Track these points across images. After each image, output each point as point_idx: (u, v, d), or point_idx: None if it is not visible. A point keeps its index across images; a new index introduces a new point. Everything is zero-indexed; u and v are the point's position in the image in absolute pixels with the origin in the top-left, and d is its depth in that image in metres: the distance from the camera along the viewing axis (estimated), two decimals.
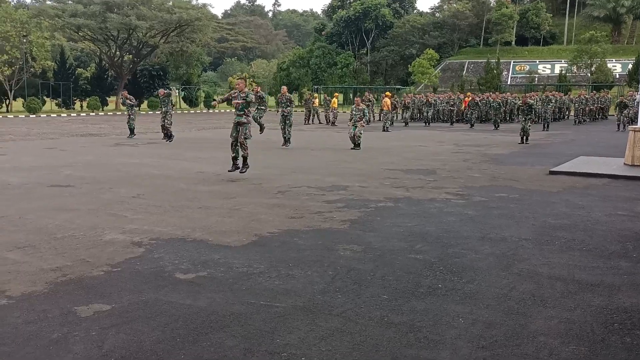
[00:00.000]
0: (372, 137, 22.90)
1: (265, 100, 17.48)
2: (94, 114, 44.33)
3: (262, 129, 17.70)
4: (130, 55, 58.17)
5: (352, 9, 76.07)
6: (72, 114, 43.94)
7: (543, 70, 67.53)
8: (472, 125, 29.45)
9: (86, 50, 66.92)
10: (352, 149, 16.81)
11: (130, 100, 20.85)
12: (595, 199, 9.14)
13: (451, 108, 33.36)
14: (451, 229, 6.97)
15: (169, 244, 6.20)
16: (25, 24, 45.16)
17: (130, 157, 14.84)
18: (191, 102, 62.10)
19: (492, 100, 32.06)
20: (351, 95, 65.51)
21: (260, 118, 17.36)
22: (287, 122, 17.18)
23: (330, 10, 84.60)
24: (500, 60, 62.97)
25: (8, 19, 44.10)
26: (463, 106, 32.74)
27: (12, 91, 45.16)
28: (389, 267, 5.45)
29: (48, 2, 59.85)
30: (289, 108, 17.27)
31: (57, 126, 28.54)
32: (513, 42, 74.16)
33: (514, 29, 72.78)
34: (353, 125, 16.88)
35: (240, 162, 11.01)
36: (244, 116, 10.96)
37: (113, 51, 55.78)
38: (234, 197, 9.09)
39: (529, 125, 19.90)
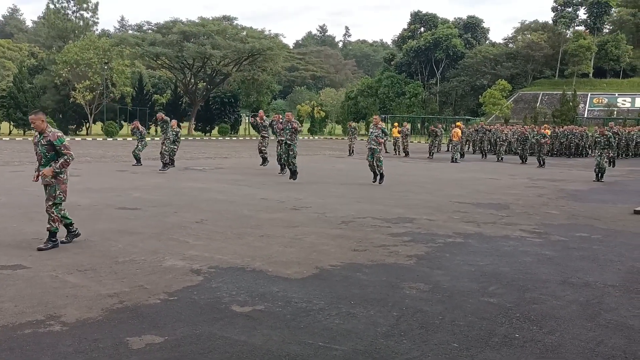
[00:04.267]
0: (440, 167, 22.33)
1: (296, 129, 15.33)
2: None
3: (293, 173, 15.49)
4: (204, 83, 60.01)
5: (422, 39, 75.77)
6: (147, 138, 45.46)
7: (622, 104, 64.68)
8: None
9: (163, 78, 69.70)
10: (374, 182, 14.77)
11: (140, 131, 20.09)
12: None
13: (502, 143, 31.31)
14: (528, 271, 6.45)
15: (227, 273, 6.01)
16: (107, 52, 47.49)
17: (197, 181, 14.98)
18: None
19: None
20: (419, 125, 64.90)
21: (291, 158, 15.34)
22: (291, 153, 15.26)
23: (400, 41, 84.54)
24: (577, 93, 60.71)
25: (91, 47, 46.50)
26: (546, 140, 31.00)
27: (92, 115, 47.36)
28: (459, 310, 5.02)
29: (130, 32, 62.92)
30: (293, 136, 15.24)
31: (132, 149, 29.45)
32: (590, 74, 71.53)
33: (592, 60, 70.26)
34: (370, 154, 14.77)
35: (66, 231, 7.34)
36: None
37: (188, 79, 57.72)
38: (296, 225, 8.88)
39: (605, 161, 18.10)
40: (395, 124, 32.67)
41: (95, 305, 4.92)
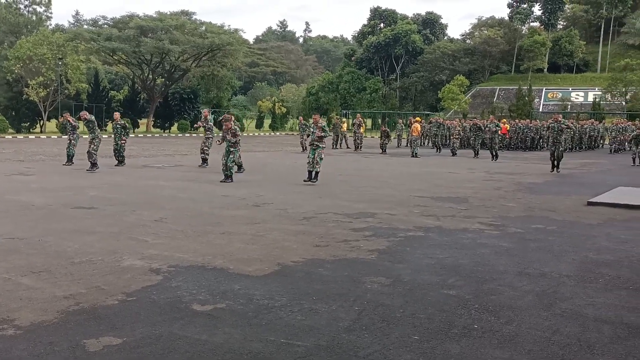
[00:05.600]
0: (401, 162, 22.55)
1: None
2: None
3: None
4: (163, 79, 59.01)
5: (382, 35, 76.27)
6: (103, 136, 44.53)
7: (576, 98, 66.46)
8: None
9: (120, 74, 68.31)
10: (305, 180, 14.09)
11: (73, 122, 18.44)
12: (638, 233, 8.62)
13: (455, 138, 31.27)
14: (486, 262, 6.57)
15: (188, 272, 5.93)
16: (61, 47, 46.18)
17: (157, 179, 14.75)
18: (220, 125, 62.55)
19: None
20: (379, 120, 65.37)
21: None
22: (231, 156, 14.35)
23: (360, 36, 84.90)
24: (532, 88, 62.16)
25: (45, 42, 45.16)
26: (502, 132, 31.89)
27: (47, 112, 46.04)
28: (419, 303, 5.08)
29: (85, 27, 61.36)
30: (235, 138, 14.39)
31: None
32: (545, 69, 73.31)
33: (546, 56, 71.98)
34: (312, 148, 14.19)
35: None
36: None
37: (146, 74, 56.64)
38: (258, 222, 8.83)
39: (561, 150, 18.17)
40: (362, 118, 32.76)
41: (51, 307, 4.79)
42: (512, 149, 33.33)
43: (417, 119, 32.85)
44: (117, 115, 18.92)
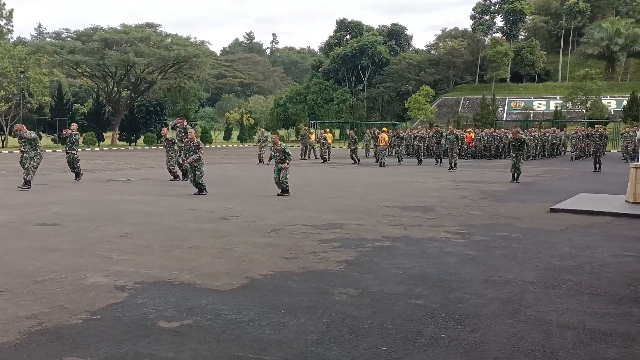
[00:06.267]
0: (369, 172, 22.69)
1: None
2: (89, 149, 44.11)
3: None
4: (128, 91, 58.35)
5: (348, 46, 76.82)
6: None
7: (538, 107, 67.91)
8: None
9: (84, 86, 67.24)
10: (279, 195, 14.20)
11: (27, 137, 16.31)
12: (599, 239, 8.85)
13: (418, 143, 31.34)
14: (452, 271, 6.65)
15: (154, 288, 5.86)
16: (23, 60, 45.31)
17: (122, 193, 14.54)
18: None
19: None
20: (347, 130, 65.74)
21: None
22: (198, 173, 14.25)
23: (327, 48, 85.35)
24: (496, 97, 63.32)
25: (6, 56, 44.26)
26: (467, 142, 32.70)
27: (8, 127, 45.03)
28: (387, 314, 5.12)
29: (47, 39, 60.35)
30: (197, 155, 14.22)
31: (51, 162, 28.20)
32: (508, 79, 74.82)
33: (509, 66, 73.49)
34: (276, 169, 14.22)
35: None
36: None
37: (111, 87, 55.96)
38: (225, 236, 8.77)
39: (521, 162, 18.65)
40: (327, 129, 32.76)
41: (12, 328, 4.67)
42: (477, 157, 33.85)
43: (384, 129, 33.14)
44: (74, 126, 18.48)
